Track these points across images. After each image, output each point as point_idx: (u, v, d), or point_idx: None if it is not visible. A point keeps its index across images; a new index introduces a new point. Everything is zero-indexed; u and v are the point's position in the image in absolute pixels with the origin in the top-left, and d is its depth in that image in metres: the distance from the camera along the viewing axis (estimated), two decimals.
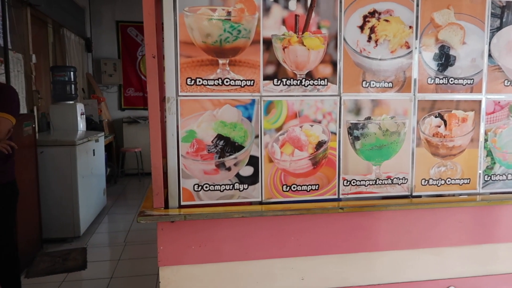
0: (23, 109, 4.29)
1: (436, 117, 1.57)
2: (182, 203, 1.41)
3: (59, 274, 3.13)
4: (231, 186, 1.44)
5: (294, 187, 1.48)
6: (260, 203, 1.46)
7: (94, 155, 4.35)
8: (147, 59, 1.35)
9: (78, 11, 6.19)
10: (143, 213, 1.33)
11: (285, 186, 1.48)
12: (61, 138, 3.86)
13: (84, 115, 4.92)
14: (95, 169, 4.40)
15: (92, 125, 5.43)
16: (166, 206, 1.40)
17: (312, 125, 1.48)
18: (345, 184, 1.52)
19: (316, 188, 1.50)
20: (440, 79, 1.56)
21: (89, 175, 4.13)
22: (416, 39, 1.52)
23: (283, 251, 1.44)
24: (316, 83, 1.47)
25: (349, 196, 1.53)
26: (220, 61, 1.40)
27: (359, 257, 1.53)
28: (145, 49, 1.35)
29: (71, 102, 4.76)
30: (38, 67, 4.86)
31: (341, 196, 1.52)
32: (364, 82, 1.50)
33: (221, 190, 1.43)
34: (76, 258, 3.41)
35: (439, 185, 1.59)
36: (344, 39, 1.48)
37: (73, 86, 4.83)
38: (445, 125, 1.57)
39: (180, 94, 1.38)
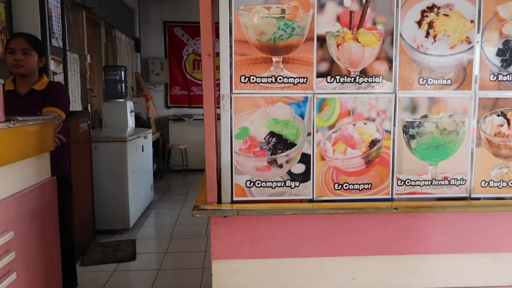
0: (78, 107, 4.53)
1: (498, 115, 1.49)
2: (235, 198, 1.43)
3: (111, 264, 3.28)
4: (283, 183, 1.45)
5: (346, 186, 1.47)
6: (311, 201, 1.46)
7: (143, 151, 4.52)
8: (203, 57, 1.38)
9: (128, 12, 6.44)
10: (197, 207, 1.37)
11: (337, 184, 1.46)
12: (113, 134, 4.04)
13: (133, 113, 5.11)
14: (144, 165, 4.57)
15: (141, 122, 5.64)
16: (219, 201, 1.43)
17: (365, 123, 1.45)
18: (399, 184, 1.49)
19: (369, 187, 1.47)
20: (503, 75, 1.48)
21: (138, 170, 4.29)
22: (478, 33, 1.45)
23: (334, 250, 1.43)
24: (371, 81, 1.44)
25: (403, 196, 1.49)
26: (274, 59, 1.41)
27: (413, 260, 1.49)
28: (201, 47, 1.39)
29: (121, 100, 4.96)
30: (91, 66, 5.12)
31: (394, 196, 1.49)
32: (421, 79, 1.46)
33: (273, 187, 1.45)
34: (126, 249, 3.56)
35: (500, 187, 1.52)
36: (401, 35, 1.44)
37: (123, 84, 5.03)
38: (508, 124, 1.49)
39: (234, 91, 1.40)
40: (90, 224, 3.68)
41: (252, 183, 1.44)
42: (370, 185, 1.47)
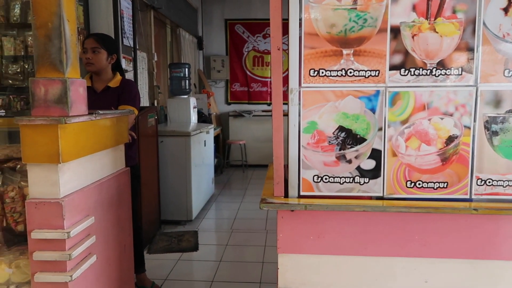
0: (146, 102, 4.76)
1: None
2: (302, 193, 1.42)
3: (175, 253, 3.42)
4: (351, 179, 1.41)
5: (419, 184, 1.39)
6: (381, 198, 1.41)
7: (205, 146, 4.65)
8: (272, 51, 1.38)
9: (191, 11, 6.64)
10: (265, 201, 1.38)
11: (410, 182, 1.40)
12: (177, 129, 4.20)
13: (196, 108, 5.28)
14: (206, 159, 4.70)
15: (202, 118, 5.81)
16: (286, 195, 1.43)
17: (442, 118, 1.37)
18: (478, 184, 1.39)
19: (445, 186, 1.39)
20: None
21: (200, 164, 4.42)
22: None
23: (406, 250, 1.37)
24: (449, 73, 1.36)
25: (483, 197, 1.39)
26: (344, 52, 1.38)
27: (493, 265, 1.38)
28: (271, 41, 1.39)
29: (185, 96, 5.14)
30: (158, 64, 5.35)
31: (473, 197, 1.39)
32: (506, 71, 1.34)
33: (341, 182, 1.41)
34: (189, 240, 3.69)
35: None
36: (484, 23, 1.33)
37: (187, 81, 5.21)
38: None
39: (303, 85, 1.39)
40: (156, 214, 3.87)
41: (319, 178, 1.42)
42: (446, 183, 1.39)
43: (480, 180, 1.38)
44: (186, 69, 5.16)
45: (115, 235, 1.79)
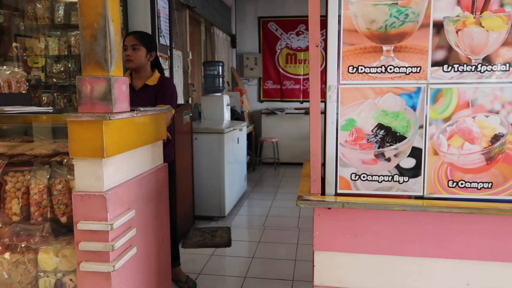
0: (180, 100, 4.86)
1: None
2: (339, 191, 1.41)
3: (209, 248, 3.48)
4: (390, 177, 1.39)
5: (462, 184, 1.35)
6: (421, 197, 1.38)
7: (238, 143, 4.69)
8: (310, 48, 1.38)
9: (225, 10, 6.70)
10: (302, 198, 1.38)
11: (451, 181, 1.36)
12: (211, 126, 4.26)
13: (229, 106, 5.33)
14: (239, 156, 4.74)
15: (235, 116, 5.86)
16: (323, 193, 1.42)
17: (487, 116, 1.32)
18: None
19: (489, 187, 1.34)
20: None
21: (233, 161, 4.47)
22: None
23: (446, 252, 1.34)
24: (495, 69, 1.31)
25: None
26: (384, 48, 1.35)
27: None
28: (309, 38, 1.38)
29: (218, 94, 5.20)
30: (192, 62, 5.45)
31: None
32: None
33: (379, 181, 1.39)
34: (222, 235, 3.74)
35: None
36: None
37: (221, 79, 5.27)
38: None
39: (341, 82, 1.38)
40: (191, 209, 3.94)
41: (357, 176, 1.40)
42: (490, 184, 1.34)
43: None
44: (220, 67, 5.22)
45: (153, 228, 1.85)
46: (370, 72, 1.37)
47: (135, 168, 1.71)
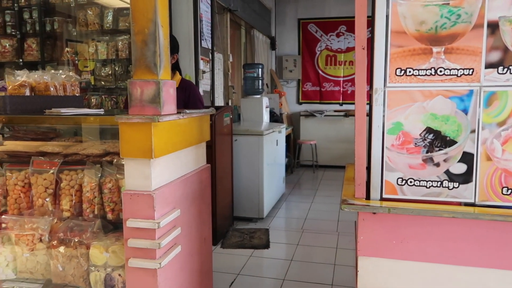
0: (221, 102, 4.93)
1: None
2: (384, 195, 1.39)
3: (247, 249, 3.50)
4: (439, 183, 1.34)
5: None
6: (473, 204, 1.32)
7: (277, 145, 4.70)
8: (356, 51, 1.37)
9: (265, 12, 6.74)
10: (346, 202, 1.37)
11: (506, 188, 1.30)
12: (251, 128, 4.29)
13: (268, 108, 5.35)
14: (277, 158, 4.75)
15: (274, 118, 5.87)
16: (367, 197, 1.40)
17: None
18: None
19: None
20: None
21: (272, 163, 4.48)
22: None
23: (501, 262, 1.28)
24: None
25: None
26: (434, 49, 1.31)
27: None
28: (355, 41, 1.37)
29: (258, 96, 5.23)
30: (232, 65, 5.52)
31: None
32: None
33: (427, 186, 1.35)
34: (260, 237, 3.76)
35: None
36: None
37: (260, 81, 5.30)
38: None
39: (388, 85, 1.35)
40: (229, 210, 3.99)
41: (404, 181, 1.37)
42: None
43: None
44: (260, 69, 5.25)
45: (197, 228, 1.89)
46: (419, 75, 1.33)
47: (180, 169, 1.75)
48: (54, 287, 1.70)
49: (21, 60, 3.97)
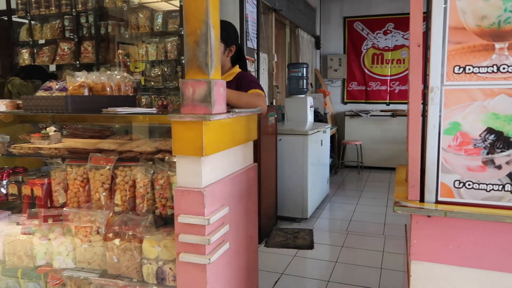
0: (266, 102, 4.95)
1: None
2: (439, 198, 1.33)
3: (291, 249, 3.50)
4: (501, 186, 1.27)
5: None
6: None
7: (321, 145, 4.65)
8: (411, 48, 1.32)
9: (310, 11, 6.68)
10: (399, 204, 1.33)
11: None
12: (295, 128, 4.28)
13: (313, 108, 5.31)
14: (322, 159, 4.70)
15: (318, 117, 5.81)
16: (421, 200, 1.35)
17: None
18: None
19: None
20: None
21: (316, 163, 4.44)
22: None
23: None
24: None
25: None
26: (497, 46, 1.24)
27: None
28: (410, 38, 1.33)
29: (302, 96, 5.20)
30: (277, 64, 5.52)
31: None
32: None
33: (487, 190, 1.28)
34: (304, 237, 3.74)
35: None
36: None
37: (304, 81, 5.27)
38: None
39: (445, 83, 1.30)
40: (273, 209, 4.00)
41: (461, 184, 1.31)
42: None
43: None
44: (304, 69, 5.22)
45: (244, 226, 1.91)
46: (479, 72, 1.27)
47: (229, 167, 1.78)
48: (109, 278, 1.79)
49: (77, 62, 4.19)
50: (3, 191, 2.04)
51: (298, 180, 4.13)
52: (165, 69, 4.06)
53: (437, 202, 1.33)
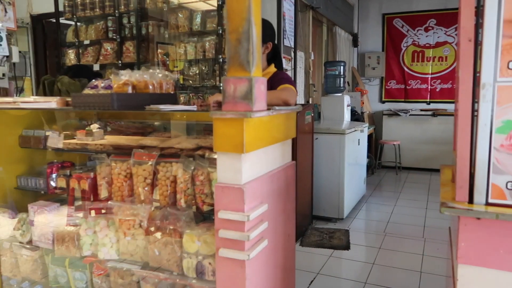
0: (302, 100, 4.92)
1: None
2: (490, 200, 1.27)
3: (326, 249, 3.46)
4: None
5: None
6: None
7: (358, 144, 4.57)
8: (461, 43, 1.27)
9: (348, 8, 6.57)
10: (446, 204, 1.28)
11: None
12: (332, 127, 4.23)
13: (349, 107, 5.22)
14: (359, 158, 4.61)
15: (355, 116, 5.71)
16: (470, 201, 1.30)
17: None
18: None
19: None
20: None
21: (353, 163, 4.36)
22: None
23: None
24: None
25: None
26: None
27: None
28: (461, 33, 1.28)
29: (339, 94, 5.13)
30: (313, 63, 5.47)
31: None
32: None
33: None
34: (340, 238, 3.68)
35: None
36: None
37: (341, 79, 5.19)
38: None
39: (498, 79, 1.24)
40: (309, 209, 3.97)
41: None
42: None
43: None
44: (341, 67, 5.14)
45: (282, 224, 1.91)
46: None
47: (268, 164, 1.78)
48: (151, 270, 1.84)
49: (120, 62, 4.34)
50: (53, 184, 2.14)
51: (335, 179, 4.07)
52: (203, 68, 4.12)
53: (487, 204, 1.27)
